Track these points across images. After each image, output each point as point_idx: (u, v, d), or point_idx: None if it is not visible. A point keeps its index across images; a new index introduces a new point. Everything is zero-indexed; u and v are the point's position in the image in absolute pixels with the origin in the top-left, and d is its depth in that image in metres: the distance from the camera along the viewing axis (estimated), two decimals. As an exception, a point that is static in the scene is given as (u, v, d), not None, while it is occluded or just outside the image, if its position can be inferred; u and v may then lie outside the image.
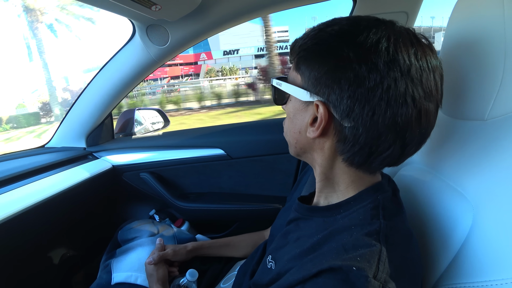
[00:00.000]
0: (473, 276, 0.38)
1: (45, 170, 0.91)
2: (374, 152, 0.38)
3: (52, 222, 0.88)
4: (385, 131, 0.36)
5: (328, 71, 0.37)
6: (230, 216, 1.13)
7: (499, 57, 0.42)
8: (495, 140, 0.43)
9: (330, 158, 0.43)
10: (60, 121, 1.11)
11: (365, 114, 0.36)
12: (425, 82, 0.36)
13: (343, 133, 0.39)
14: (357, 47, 0.36)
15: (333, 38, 0.38)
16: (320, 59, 0.38)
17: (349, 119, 0.37)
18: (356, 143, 0.38)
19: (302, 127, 0.43)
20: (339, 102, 0.37)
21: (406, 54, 0.35)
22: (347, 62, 0.36)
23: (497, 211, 0.39)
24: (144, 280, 0.72)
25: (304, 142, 0.44)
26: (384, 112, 0.35)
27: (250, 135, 1.14)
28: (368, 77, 0.35)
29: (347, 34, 0.37)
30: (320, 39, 0.39)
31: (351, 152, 0.39)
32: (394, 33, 0.36)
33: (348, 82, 0.36)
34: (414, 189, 0.54)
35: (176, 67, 30.76)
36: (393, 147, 0.38)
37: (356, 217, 0.39)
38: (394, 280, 0.32)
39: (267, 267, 0.48)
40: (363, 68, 0.35)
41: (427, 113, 0.37)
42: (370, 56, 0.35)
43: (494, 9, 0.42)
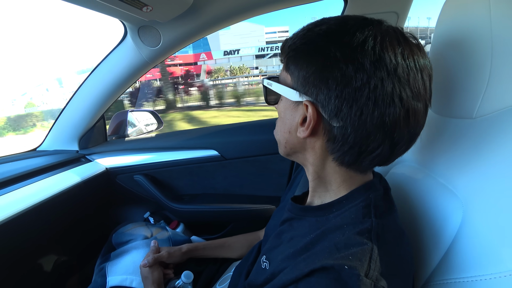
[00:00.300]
0: (464, 272, 0.39)
1: (37, 174, 0.90)
2: (363, 151, 0.38)
3: (44, 227, 0.87)
4: (374, 130, 0.37)
5: (316, 70, 0.37)
6: (224, 217, 1.13)
7: (486, 56, 0.43)
8: (484, 137, 0.44)
9: (321, 157, 0.43)
10: (51, 123, 1.09)
11: (353, 113, 0.36)
12: (412, 82, 0.36)
13: (332, 133, 0.39)
14: (344, 47, 0.36)
15: (320, 38, 0.38)
16: (308, 58, 0.38)
17: (337, 119, 0.37)
18: (345, 143, 0.38)
19: (292, 126, 0.43)
20: (327, 102, 0.37)
21: (392, 53, 0.35)
22: (334, 61, 0.36)
23: (486, 207, 0.40)
24: (140, 283, 0.72)
25: (294, 142, 0.44)
26: (372, 111, 0.35)
27: (244, 135, 1.14)
28: (355, 76, 0.35)
29: (334, 33, 0.37)
30: (308, 39, 0.39)
31: (341, 152, 0.39)
32: (381, 33, 0.36)
33: (335, 81, 0.36)
34: (405, 187, 0.55)
35: (176, 67, 30.53)
36: (382, 147, 0.38)
37: (348, 216, 0.40)
38: (385, 278, 0.33)
39: (261, 267, 0.49)
40: (349, 67, 0.35)
41: (415, 112, 0.37)
42: (357, 56, 0.35)
43: (481, 9, 0.43)
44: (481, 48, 0.43)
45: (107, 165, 1.12)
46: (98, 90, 0.99)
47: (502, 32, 0.42)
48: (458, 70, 0.47)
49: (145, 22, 0.82)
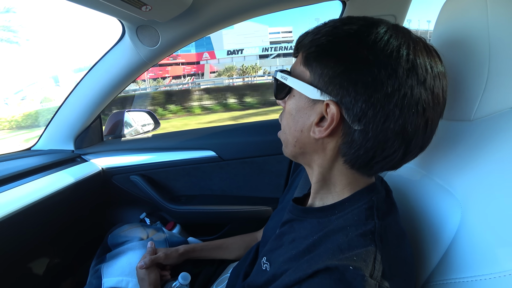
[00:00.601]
0: (463, 272, 0.39)
1: (31, 174, 0.88)
2: (377, 156, 0.38)
3: (38, 227, 0.86)
4: (393, 137, 0.36)
5: (345, 71, 0.36)
6: (221, 218, 1.12)
7: (483, 59, 0.43)
8: (481, 139, 0.45)
9: (331, 159, 0.42)
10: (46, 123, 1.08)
11: (378, 119, 0.35)
12: (436, 92, 0.36)
13: (351, 136, 0.38)
14: (377, 51, 0.35)
15: (351, 38, 0.37)
16: (336, 57, 0.37)
17: (359, 123, 0.36)
18: (362, 147, 0.38)
19: (306, 125, 0.42)
20: (353, 105, 0.36)
21: (423, 62, 0.35)
22: (365, 65, 0.35)
23: (484, 208, 0.40)
24: (136, 284, 0.71)
25: (305, 141, 0.43)
26: (397, 119, 0.35)
27: (241, 136, 1.14)
28: (386, 82, 0.34)
29: (366, 36, 0.36)
30: (336, 37, 0.38)
31: (355, 155, 0.39)
32: (412, 41, 0.36)
33: (365, 85, 0.35)
34: (403, 189, 0.55)
35: (178, 66, 30.27)
36: (396, 153, 0.38)
37: (351, 218, 0.39)
38: (389, 279, 0.33)
39: (262, 268, 0.48)
40: (382, 73, 0.34)
41: (433, 122, 0.38)
42: (391, 62, 0.35)
43: (478, 12, 0.44)
44: (479, 51, 0.44)
45: (103, 165, 1.11)
46: (95, 90, 0.98)
47: (499, 35, 0.42)
48: (456, 73, 0.48)
49: (143, 21, 0.82)
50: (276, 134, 0.49)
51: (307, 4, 0.91)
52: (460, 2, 0.48)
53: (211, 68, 28.88)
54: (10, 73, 25.52)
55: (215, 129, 1.22)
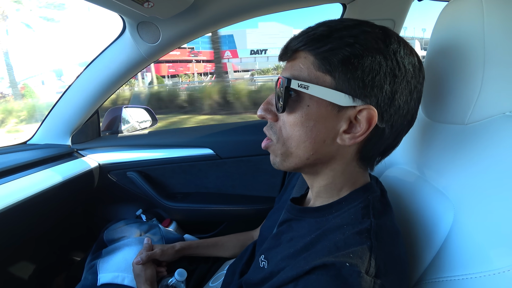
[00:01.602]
0: (455, 270, 0.40)
1: (26, 168, 0.88)
2: (388, 149, 0.44)
3: (34, 221, 0.85)
4: (406, 126, 0.43)
5: (377, 74, 0.37)
6: (217, 216, 1.13)
7: (478, 65, 0.45)
8: (475, 143, 0.46)
9: (348, 162, 0.43)
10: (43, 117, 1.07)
11: (404, 113, 0.40)
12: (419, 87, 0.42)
13: (380, 135, 0.40)
14: (399, 50, 0.38)
15: (378, 41, 0.38)
16: (367, 61, 0.36)
17: (383, 121, 0.39)
18: (384, 143, 0.42)
19: (330, 135, 0.39)
20: (389, 106, 0.38)
21: (420, 61, 0.41)
22: (395, 65, 0.38)
23: (476, 209, 0.41)
24: (132, 280, 0.71)
25: (326, 151, 0.41)
26: (415, 111, 0.42)
27: (239, 135, 1.14)
28: (410, 80, 0.39)
29: (388, 38, 0.39)
30: (362, 39, 0.37)
31: (372, 151, 0.42)
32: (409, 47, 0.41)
33: (397, 84, 0.38)
34: (398, 190, 0.57)
35: (199, 63, 29.74)
36: (400, 142, 0.44)
37: (348, 217, 0.40)
38: (383, 275, 0.34)
39: (259, 266, 0.49)
40: (408, 73, 0.39)
41: (416, 111, 0.44)
42: (410, 61, 0.39)
43: (474, 19, 0.45)
44: (474, 56, 0.45)
45: (99, 161, 1.11)
46: (94, 85, 0.98)
47: (494, 41, 0.43)
48: (452, 78, 0.49)
49: (145, 17, 0.82)
50: None
51: (307, 5, 0.92)
52: (457, 10, 0.49)
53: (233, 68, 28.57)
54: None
55: (213, 127, 1.22)
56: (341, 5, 0.97)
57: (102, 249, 0.82)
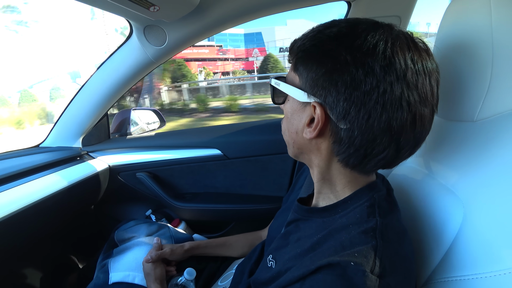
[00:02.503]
0: (465, 270, 0.40)
1: (40, 170, 0.90)
2: (369, 154, 0.39)
3: (46, 223, 0.88)
4: (380, 134, 0.37)
5: (326, 73, 0.38)
6: (226, 216, 1.14)
7: (487, 61, 0.44)
8: (484, 140, 0.45)
9: (327, 159, 0.43)
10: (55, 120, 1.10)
11: (361, 117, 0.36)
12: (420, 87, 0.36)
13: (339, 135, 0.39)
14: (354, 50, 0.36)
15: (331, 41, 0.38)
16: (318, 61, 0.39)
17: (345, 121, 0.37)
18: (351, 145, 0.39)
19: (299, 127, 0.43)
20: (335, 105, 0.37)
21: (402, 58, 0.35)
22: (344, 65, 0.36)
23: (486, 208, 0.41)
24: (142, 279, 0.72)
25: (301, 142, 0.45)
26: (380, 115, 0.36)
27: (246, 135, 1.15)
28: (364, 80, 0.35)
29: (345, 36, 0.38)
30: (318, 41, 0.39)
31: (346, 154, 0.40)
32: (391, 37, 0.36)
33: (345, 85, 0.36)
34: (407, 188, 0.56)
35: (227, 62, 29.61)
36: (387, 150, 0.38)
37: (353, 216, 0.40)
38: (389, 275, 0.34)
39: (267, 265, 0.49)
40: (359, 71, 0.35)
41: (422, 117, 0.37)
42: (367, 60, 0.35)
43: (482, 15, 0.44)
44: (482, 52, 0.44)
45: (109, 163, 1.13)
46: (103, 88, 1.00)
47: (502, 37, 0.43)
48: (460, 74, 0.48)
49: (151, 21, 0.83)
50: (280, 133, 0.51)
51: (313, 4, 0.92)
52: (464, 5, 0.48)
53: (261, 66, 28.28)
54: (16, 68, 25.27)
55: (220, 127, 1.23)
56: (346, 3, 0.97)
57: (113, 248, 0.84)
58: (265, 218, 0.80)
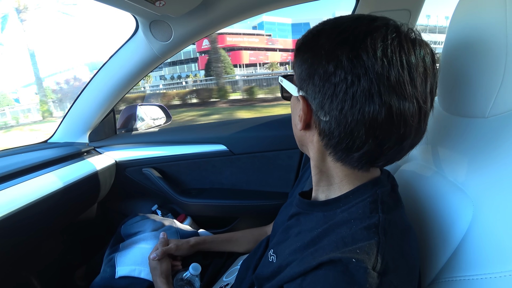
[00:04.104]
0: (473, 269, 0.39)
1: (48, 165, 0.91)
2: (351, 148, 0.39)
3: (54, 217, 0.89)
4: (356, 126, 0.36)
5: (308, 67, 0.40)
6: (232, 211, 1.14)
7: (500, 56, 0.42)
8: (496, 137, 0.44)
9: (320, 151, 0.44)
10: (62, 116, 1.11)
11: (334, 108, 0.37)
12: (394, 80, 0.34)
13: (321, 127, 0.41)
14: (328, 45, 0.38)
15: (313, 37, 0.41)
16: (304, 57, 0.41)
17: (324, 113, 0.39)
18: (332, 137, 0.40)
19: (296, 120, 0.45)
20: (313, 97, 0.40)
21: (371, 50, 0.34)
22: (319, 59, 0.38)
23: (497, 206, 0.40)
24: (148, 274, 0.73)
25: (298, 135, 0.48)
26: (351, 107, 0.36)
27: (253, 131, 1.14)
28: (334, 73, 0.36)
29: (324, 32, 0.39)
30: (306, 39, 0.42)
31: (332, 146, 0.41)
32: (369, 29, 0.36)
33: (319, 77, 0.38)
34: (415, 185, 0.55)
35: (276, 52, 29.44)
36: (367, 145, 0.37)
37: (355, 211, 0.40)
38: (391, 272, 0.33)
39: (269, 260, 0.49)
40: (330, 64, 0.37)
41: (400, 112, 0.35)
42: (337, 53, 0.36)
43: (496, 8, 0.43)
44: (496, 47, 0.43)
45: (116, 158, 1.14)
46: (109, 84, 1.00)
47: None
48: (472, 69, 0.47)
49: (157, 16, 0.83)
50: (286, 129, 0.51)
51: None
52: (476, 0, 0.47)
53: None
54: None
55: (226, 123, 1.23)
56: (354, -4, 0.95)
57: (120, 243, 0.85)
58: (271, 214, 0.80)
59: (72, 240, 1.11)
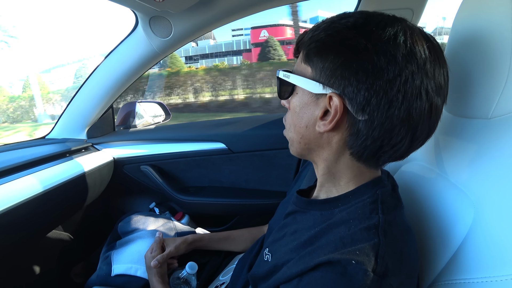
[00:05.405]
0: (473, 272, 0.38)
1: (46, 161, 0.91)
2: (385, 145, 0.38)
3: (51, 214, 0.88)
4: (399, 124, 0.37)
5: (345, 62, 0.37)
6: (230, 210, 1.13)
7: (505, 56, 0.42)
8: (498, 138, 0.43)
9: (337, 152, 0.42)
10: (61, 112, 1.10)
11: (382, 106, 0.36)
12: (437, 77, 0.36)
13: (356, 127, 0.38)
14: (375, 39, 0.35)
15: (348, 30, 0.37)
16: (335, 50, 0.37)
17: (364, 112, 0.37)
18: (369, 137, 0.38)
19: (311, 121, 0.42)
20: (355, 95, 0.36)
21: (422, 48, 0.36)
22: (365, 53, 0.35)
23: (499, 208, 0.39)
24: (144, 272, 0.73)
25: (310, 137, 0.43)
26: (401, 104, 0.35)
27: (252, 129, 1.14)
28: (387, 68, 0.35)
29: (363, 26, 0.37)
30: (334, 31, 0.38)
31: (362, 146, 0.39)
32: (408, 28, 0.37)
33: (366, 73, 0.35)
34: (415, 186, 0.55)
35: None
36: (404, 141, 0.38)
37: (355, 211, 0.39)
38: (391, 274, 0.33)
39: (264, 259, 0.49)
40: (381, 59, 0.35)
41: (436, 107, 0.38)
42: (389, 48, 0.35)
43: (501, 7, 0.42)
44: (500, 48, 0.42)
45: (114, 155, 1.13)
46: (108, 80, 1.00)
47: None
48: (475, 69, 0.46)
49: (156, 12, 0.82)
50: None
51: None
52: None
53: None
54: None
55: (226, 121, 1.22)
56: (357, -5, 0.94)
57: (116, 240, 0.85)
58: (270, 213, 0.80)
59: (70, 236, 1.11)
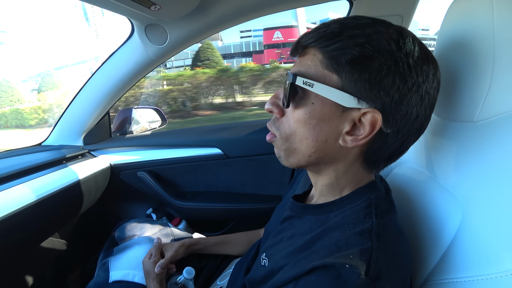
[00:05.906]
0: (462, 271, 0.39)
1: (42, 168, 0.90)
2: (396, 154, 0.42)
3: (48, 221, 0.88)
4: (415, 133, 0.40)
5: (387, 76, 0.35)
6: (226, 214, 1.14)
7: (488, 61, 0.43)
8: (484, 141, 0.45)
9: (351, 164, 0.42)
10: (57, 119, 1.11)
11: (412, 120, 0.38)
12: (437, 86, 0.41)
13: (384, 140, 0.39)
14: (410, 56, 0.36)
15: (388, 42, 0.35)
16: (378, 62, 0.35)
17: (391, 124, 0.38)
18: (390, 147, 0.40)
19: (332, 134, 0.39)
20: (395, 111, 0.36)
21: (432, 61, 0.39)
22: (408, 69, 0.36)
23: (485, 209, 0.40)
24: (142, 278, 0.73)
25: (328, 151, 0.40)
26: (425, 117, 0.40)
27: (247, 134, 1.15)
28: (422, 86, 0.37)
29: (399, 40, 0.36)
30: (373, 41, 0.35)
31: (378, 156, 0.41)
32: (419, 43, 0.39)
33: (407, 89, 0.36)
34: (406, 188, 0.56)
35: None
36: (408, 148, 0.42)
37: (349, 216, 0.40)
38: (384, 277, 0.33)
39: (261, 264, 0.49)
40: (419, 78, 0.37)
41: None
42: (423, 67, 0.37)
43: (484, 14, 0.44)
44: (484, 53, 0.44)
45: (111, 161, 1.14)
46: (104, 87, 1.00)
47: (504, 37, 0.42)
48: (460, 74, 0.48)
49: (152, 20, 0.83)
50: None
51: (314, 3, 0.91)
52: (466, 5, 0.48)
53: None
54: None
55: (221, 126, 1.23)
56: (348, 1, 0.96)
57: (114, 247, 0.84)
58: (266, 217, 0.80)
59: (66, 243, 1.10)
